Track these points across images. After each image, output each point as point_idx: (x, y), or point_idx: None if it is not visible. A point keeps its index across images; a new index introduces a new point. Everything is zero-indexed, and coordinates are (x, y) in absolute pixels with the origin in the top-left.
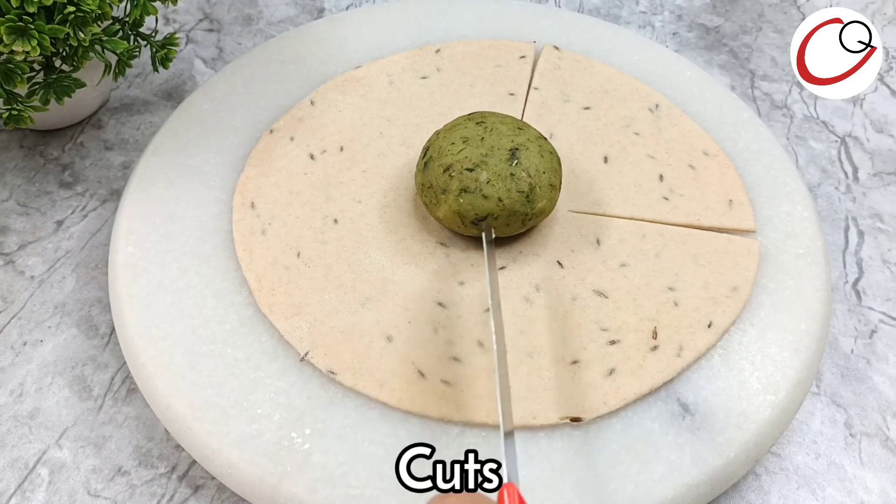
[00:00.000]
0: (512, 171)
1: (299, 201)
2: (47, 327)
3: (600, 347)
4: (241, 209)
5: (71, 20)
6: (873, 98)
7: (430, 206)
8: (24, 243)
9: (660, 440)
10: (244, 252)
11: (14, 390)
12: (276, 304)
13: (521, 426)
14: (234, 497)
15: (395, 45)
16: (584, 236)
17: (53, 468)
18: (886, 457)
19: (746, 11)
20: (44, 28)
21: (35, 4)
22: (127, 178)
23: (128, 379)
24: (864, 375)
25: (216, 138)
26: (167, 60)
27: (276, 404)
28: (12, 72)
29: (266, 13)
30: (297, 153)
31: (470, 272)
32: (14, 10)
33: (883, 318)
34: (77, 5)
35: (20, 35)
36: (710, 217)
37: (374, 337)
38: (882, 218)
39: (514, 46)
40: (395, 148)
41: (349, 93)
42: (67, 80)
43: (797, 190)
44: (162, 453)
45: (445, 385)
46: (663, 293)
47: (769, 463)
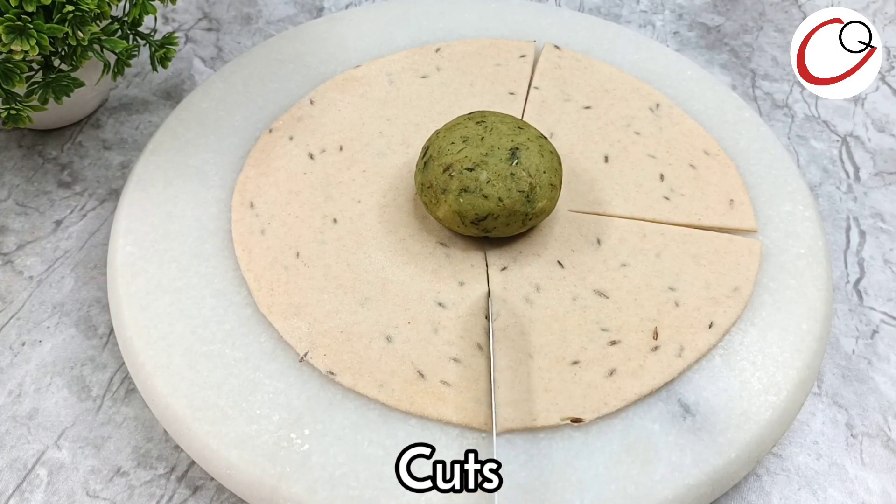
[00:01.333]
0: (512, 170)
1: (298, 201)
2: (46, 327)
3: (601, 348)
4: (239, 209)
5: (70, 19)
6: (874, 97)
7: (429, 205)
8: (23, 243)
9: (660, 441)
10: (243, 252)
11: (13, 391)
12: (276, 305)
13: (522, 427)
14: (234, 498)
15: (395, 45)
16: (585, 236)
17: (52, 469)
18: (888, 457)
19: (747, 10)
20: (42, 27)
21: (34, 3)
22: (126, 178)
23: (127, 379)
24: (866, 376)
25: (215, 138)
26: (166, 60)
27: (275, 405)
28: (11, 71)
29: (265, 12)
30: (296, 152)
31: (470, 272)
32: (13, 10)
33: (884, 319)
34: (76, 4)
35: (19, 34)
36: (711, 217)
37: (373, 337)
38: (883, 218)
39: (514, 45)
40: (394, 147)
41: (348, 92)
42: (66, 80)
43: (798, 189)
44: (161, 454)
45: (445, 386)
46: (664, 293)
47: (770, 464)
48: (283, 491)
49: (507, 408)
